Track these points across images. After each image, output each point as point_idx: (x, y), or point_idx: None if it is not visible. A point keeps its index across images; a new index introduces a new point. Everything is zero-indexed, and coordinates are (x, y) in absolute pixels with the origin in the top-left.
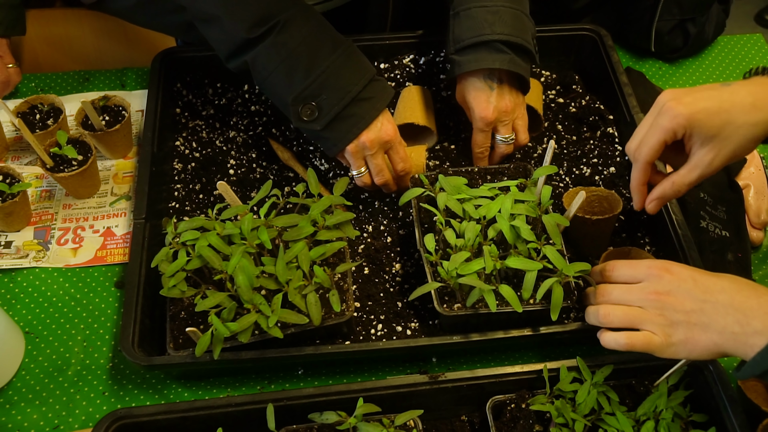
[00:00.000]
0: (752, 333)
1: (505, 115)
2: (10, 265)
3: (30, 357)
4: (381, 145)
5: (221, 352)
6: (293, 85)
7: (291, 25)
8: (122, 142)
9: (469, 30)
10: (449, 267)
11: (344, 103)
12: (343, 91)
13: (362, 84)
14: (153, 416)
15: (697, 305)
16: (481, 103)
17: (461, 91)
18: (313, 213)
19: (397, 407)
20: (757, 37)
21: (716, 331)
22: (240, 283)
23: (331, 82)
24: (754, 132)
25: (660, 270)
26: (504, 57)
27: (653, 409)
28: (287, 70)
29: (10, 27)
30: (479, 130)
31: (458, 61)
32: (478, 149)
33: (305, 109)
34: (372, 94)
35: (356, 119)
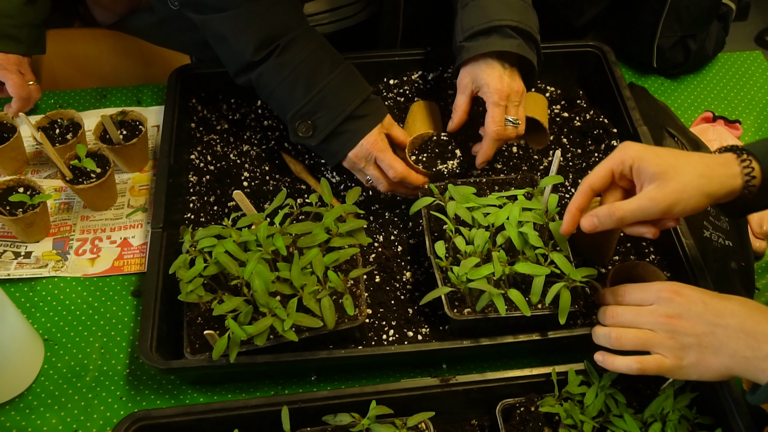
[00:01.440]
0: (764, 357)
1: (516, 95)
2: (30, 275)
3: (49, 363)
4: (366, 158)
5: (237, 356)
6: (293, 103)
7: (292, 47)
8: (139, 156)
9: (480, 17)
10: (459, 272)
11: (339, 120)
12: (338, 109)
13: (357, 103)
14: (170, 418)
15: (708, 328)
16: (495, 78)
17: (472, 72)
18: (326, 221)
19: (408, 410)
20: (756, 54)
21: (727, 355)
22: (256, 288)
23: (327, 100)
24: (699, 183)
25: (670, 293)
26: (513, 42)
27: (660, 411)
28: (288, 88)
29: (32, 46)
30: (495, 105)
31: (468, 47)
32: (495, 126)
33: (302, 125)
34: (366, 112)
35: (349, 135)
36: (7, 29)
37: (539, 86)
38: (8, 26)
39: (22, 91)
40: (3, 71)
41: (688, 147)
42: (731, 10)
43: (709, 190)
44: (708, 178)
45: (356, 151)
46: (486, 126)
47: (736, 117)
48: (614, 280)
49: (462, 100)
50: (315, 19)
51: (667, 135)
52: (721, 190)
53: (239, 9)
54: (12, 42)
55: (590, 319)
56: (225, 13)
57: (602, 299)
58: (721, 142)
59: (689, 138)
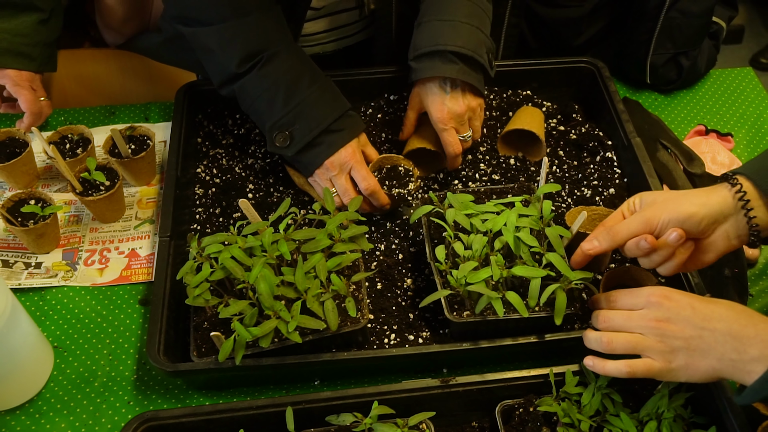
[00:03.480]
0: (749, 360)
1: (459, 117)
2: (40, 284)
3: (58, 370)
4: (341, 166)
5: (242, 359)
6: (272, 114)
7: (274, 60)
8: (147, 170)
9: (427, 39)
10: (458, 275)
11: (315, 133)
12: (315, 122)
13: (334, 117)
14: (178, 419)
15: (696, 332)
16: (436, 106)
17: (420, 94)
18: (329, 227)
19: (410, 411)
20: (747, 70)
21: (715, 358)
22: (261, 291)
23: (305, 113)
24: (696, 211)
25: (659, 297)
26: (455, 67)
27: (656, 410)
28: (267, 99)
29: (44, 63)
30: (441, 131)
31: (415, 68)
32: (450, 147)
33: (279, 136)
34: (342, 127)
35: (324, 147)
36: (21, 47)
37: (536, 101)
38: (22, 45)
39: (34, 107)
40: (16, 87)
41: (682, 158)
42: (722, 28)
43: (702, 215)
44: (701, 205)
45: (333, 159)
46: (445, 148)
47: (729, 130)
48: (607, 284)
49: (411, 116)
50: (316, 38)
51: (661, 147)
52: (714, 212)
53: (225, 24)
54: (25, 60)
55: (587, 322)
56: (212, 27)
57: (595, 304)
58: (713, 154)
59: (682, 150)
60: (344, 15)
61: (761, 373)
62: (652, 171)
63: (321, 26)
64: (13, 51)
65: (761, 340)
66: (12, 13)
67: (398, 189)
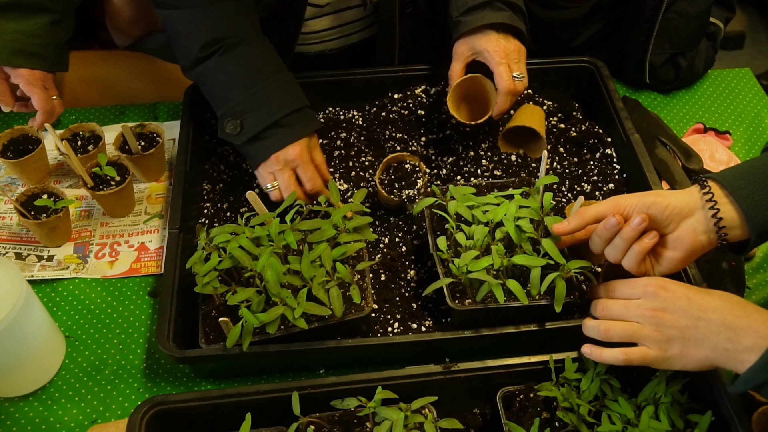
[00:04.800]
0: (742, 350)
1: (514, 53)
2: (52, 276)
3: (70, 358)
4: (286, 162)
5: (249, 346)
6: (227, 100)
7: (237, 48)
8: (156, 166)
9: None
10: (460, 263)
11: (265, 125)
12: (267, 114)
13: (287, 111)
14: (187, 403)
15: (691, 322)
16: (493, 42)
17: (469, 42)
18: (334, 218)
19: (413, 397)
20: (745, 71)
21: (709, 348)
22: (269, 278)
23: (259, 104)
24: (662, 199)
25: (656, 288)
26: (504, 14)
27: (653, 396)
28: (224, 86)
29: (56, 63)
30: (498, 63)
31: (465, 21)
32: (505, 81)
33: (230, 123)
34: (294, 123)
35: (273, 140)
36: (34, 48)
37: (537, 100)
38: (35, 45)
39: (47, 105)
40: (29, 86)
41: (680, 155)
42: (719, 29)
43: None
44: (668, 195)
45: (279, 154)
46: (497, 83)
47: (727, 129)
48: (607, 275)
49: (458, 67)
50: (320, 35)
51: (659, 144)
52: (679, 202)
53: (195, 8)
54: (38, 60)
55: (587, 311)
56: (183, 10)
57: (595, 294)
58: (712, 152)
59: (680, 147)
60: (348, 12)
61: (753, 362)
62: (651, 166)
63: (325, 24)
64: (26, 51)
65: (754, 331)
66: (25, 15)
67: (407, 190)
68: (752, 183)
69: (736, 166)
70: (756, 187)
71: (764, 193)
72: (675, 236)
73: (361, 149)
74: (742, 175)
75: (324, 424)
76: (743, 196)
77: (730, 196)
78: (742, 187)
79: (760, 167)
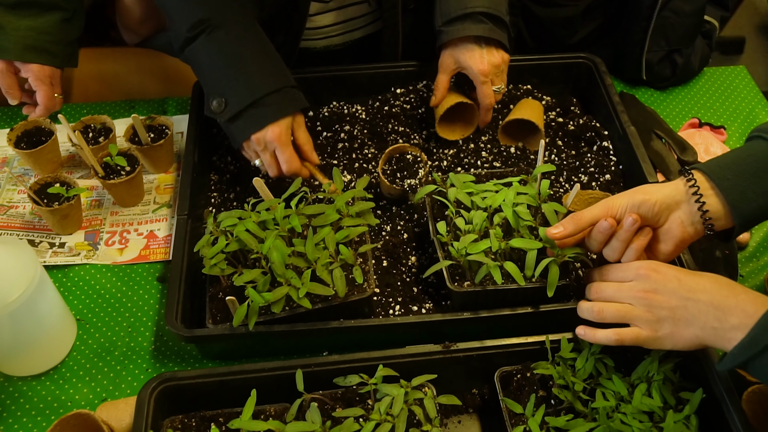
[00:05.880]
0: (730, 328)
1: (496, 68)
2: (63, 262)
3: (81, 340)
4: (266, 144)
5: (255, 326)
6: (212, 78)
7: (223, 28)
8: (165, 158)
9: (455, 4)
10: (459, 246)
11: (247, 102)
12: (249, 92)
13: (269, 89)
14: (194, 379)
15: (681, 303)
16: (476, 60)
17: (453, 54)
18: (338, 203)
19: (413, 376)
20: (740, 68)
21: (698, 327)
22: (274, 260)
23: (242, 81)
24: (650, 196)
25: (648, 270)
26: (485, 26)
27: (646, 374)
28: (211, 64)
29: (66, 60)
30: (482, 83)
31: (446, 31)
32: (488, 99)
33: (215, 101)
34: (275, 102)
35: (253, 120)
36: (46, 45)
37: (536, 95)
38: (46, 42)
39: (49, 102)
40: (37, 81)
41: (675, 147)
42: (715, 27)
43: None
44: (655, 191)
45: (259, 135)
46: (480, 101)
47: (721, 124)
48: (602, 260)
49: (444, 79)
50: (324, 31)
51: (655, 137)
52: (666, 197)
53: None
54: (49, 56)
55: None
56: None
57: (589, 278)
58: (707, 146)
59: (676, 140)
60: (352, 8)
61: (740, 340)
62: (646, 158)
63: (330, 20)
64: (38, 48)
65: (741, 310)
66: (38, 12)
67: (409, 180)
68: (736, 174)
69: (721, 157)
70: (740, 177)
71: (748, 184)
72: (665, 229)
73: (364, 142)
74: (726, 166)
75: (327, 400)
76: (727, 187)
77: (715, 188)
78: (727, 177)
79: (745, 157)
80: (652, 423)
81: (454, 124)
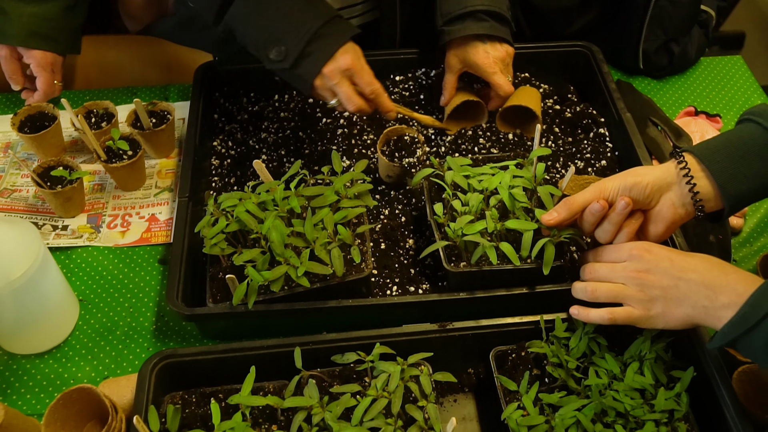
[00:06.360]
0: (720, 307)
1: (501, 61)
2: (66, 244)
3: (83, 320)
4: (341, 73)
5: (254, 304)
6: (263, 30)
7: None
8: (166, 143)
9: (455, 3)
10: (455, 227)
11: (306, 38)
12: (305, 28)
13: (322, 21)
14: (194, 356)
15: (673, 282)
16: (480, 55)
17: (458, 54)
18: (336, 185)
19: (410, 354)
20: (737, 58)
21: (689, 306)
22: (273, 239)
23: (293, 22)
24: (641, 179)
25: (641, 251)
26: (486, 24)
27: (638, 353)
28: (256, 19)
29: (68, 47)
30: (492, 75)
31: (448, 31)
32: (502, 89)
33: (274, 50)
34: (331, 31)
35: (318, 54)
36: (49, 31)
37: (534, 83)
38: (50, 29)
39: (49, 89)
40: (39, 68)
41: (671, 135)
42: (711, 17)
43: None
44: (646, 173)
45: (331, 66)
46: (496, 91)
47: (717, 113)
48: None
49: (451, 79)
50: None
51: (651, 124)
52: (657, 179)
53: None
54: (52, 43)
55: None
56: None
57: (584, 259)
58: (702, 134)
59: (671, 127)
60: None
61: (729, 318)
62: (641, 144)
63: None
64: (41, 34)
65: (731, 289)
66: None
67: (408, 158)
68: (726, 156)
69: (712, 139)
70: (730, 160)
71: (737, 166)
72: (656, 211)
73: (363, 128)
74: (716, 148)
75: (324, 377)
76: (718, 169)
77: (706, 170)
78: (717, 160)
79: (735, 140)
80: (644, 400)
81: (460, 122)
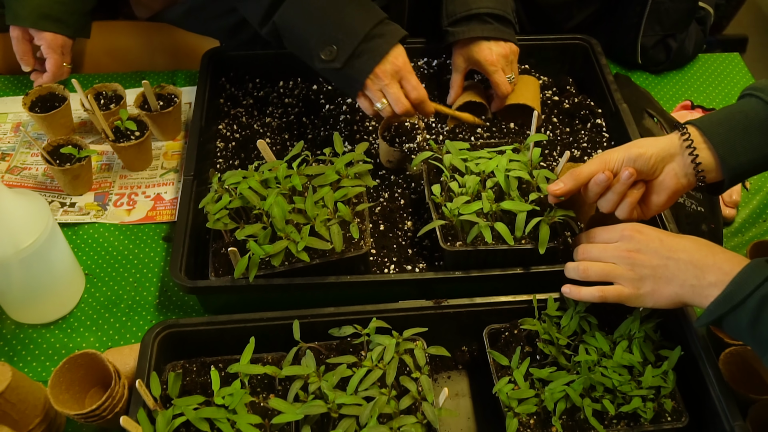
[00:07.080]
0: (707, 285)
1: (504, 58)
2: (74, 220)
3: (88, 293)
4: (392, 75)
5: (255, 278)
6: (314, 31)
7: None
8: (173, 125)
9: (461, 5)
10: (452, 206)
11: (359, 39)
12: (355, 30)
13: (372, 24)
14: (196, 326)
15: (662, 261)
16: (484, 52)
17: (463, 54)
18: (337, 165)
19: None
20: (734, 56)
21: (678, 285)
22: (275, 215)
23: (346, 23)
24: (645, 150)
25: (632, 231)
26: (490, 26)
27: (628, 332)
28: (306, 20)
29: (78, 30)
30: (494, 73)
31: (453, 32)
32: (501, 89)
33: (326, 50)
34: (382, 32)
35: (370, 55)
36: (60, 14)
37: (533, 75)
38: (61, 12)
39: (58, 71)
40: (49, 50)
41: (667, 126)
42: (709, 14)
43: (652, 151)
44: (650, 145)
45: (383, 66)
46: (496, 89)
47: (713, 107)
48: (590, 225)
49: (457, 78)
50: None
51: (647, 116)
52: (661, 150)
53: None
54: (63, 25)
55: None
56: None
57: (577, 241)
58: None
59: (667, 119)
60: None
61: (715, 296)
62: (637, 134)
63: None
64: (52, 17)
65: (718, 268)
66: None
67: (408, 144)
68: (728, 129)
69: (714, 113)
70: (731, 132)
71: (738, 138)
72: (659, 181)
73: (365, 115)
74: (718, 121)
75: (322, 350)
76: (719, 141)
77: (707, 142)
78: (718, 132)
79: (736, 114)
80: (631, 377)
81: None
